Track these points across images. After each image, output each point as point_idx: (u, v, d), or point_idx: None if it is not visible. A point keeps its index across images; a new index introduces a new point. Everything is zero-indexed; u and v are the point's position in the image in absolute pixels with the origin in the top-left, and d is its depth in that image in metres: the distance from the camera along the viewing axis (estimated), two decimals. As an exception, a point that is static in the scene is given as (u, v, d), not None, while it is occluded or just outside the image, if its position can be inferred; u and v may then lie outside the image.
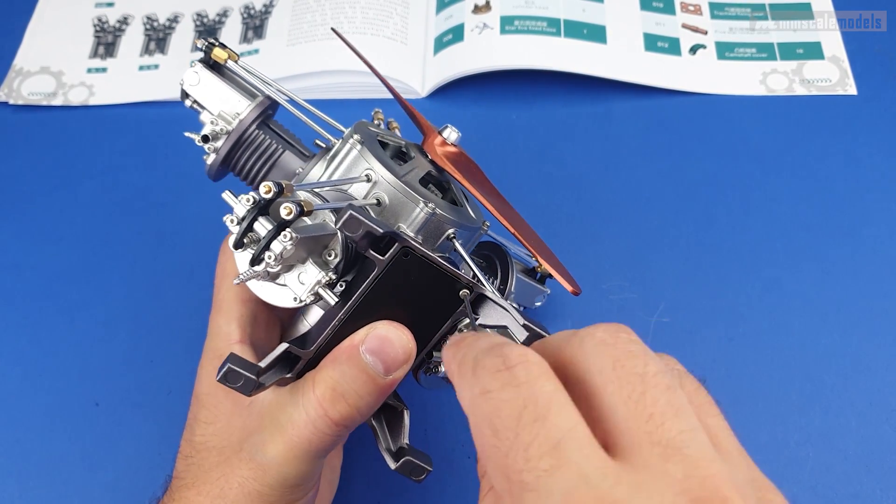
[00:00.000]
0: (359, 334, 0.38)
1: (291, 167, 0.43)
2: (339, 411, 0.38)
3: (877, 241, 0.63)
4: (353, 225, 0.34)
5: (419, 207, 0.40)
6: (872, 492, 0.52)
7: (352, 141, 0.41)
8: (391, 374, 0.38)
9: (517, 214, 0.45)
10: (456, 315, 0.39)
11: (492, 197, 0.43)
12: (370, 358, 0.37)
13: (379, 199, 0.40)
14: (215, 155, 0.42)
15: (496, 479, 0.26)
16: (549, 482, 0.23)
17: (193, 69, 0.42)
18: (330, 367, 0.38)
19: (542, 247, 0.43)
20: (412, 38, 0.76)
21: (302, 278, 0.37)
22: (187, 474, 0.41)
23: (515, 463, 0.24)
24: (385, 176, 0.40)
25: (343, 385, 0.37)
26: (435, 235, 0.41)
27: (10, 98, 0.75)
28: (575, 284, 0.40)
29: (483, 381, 0.27)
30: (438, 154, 0.43)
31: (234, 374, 0.35)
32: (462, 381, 0.29)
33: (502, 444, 0.25)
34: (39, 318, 0.63)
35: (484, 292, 0.38)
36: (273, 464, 0.38)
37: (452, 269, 0.37)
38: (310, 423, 0.38)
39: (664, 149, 0.70)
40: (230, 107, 0.42)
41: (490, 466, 0.26)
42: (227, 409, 0.41)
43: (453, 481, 0.54)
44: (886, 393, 0.56)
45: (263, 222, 0.35)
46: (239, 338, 0.43)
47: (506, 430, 0.25)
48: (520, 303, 0.54)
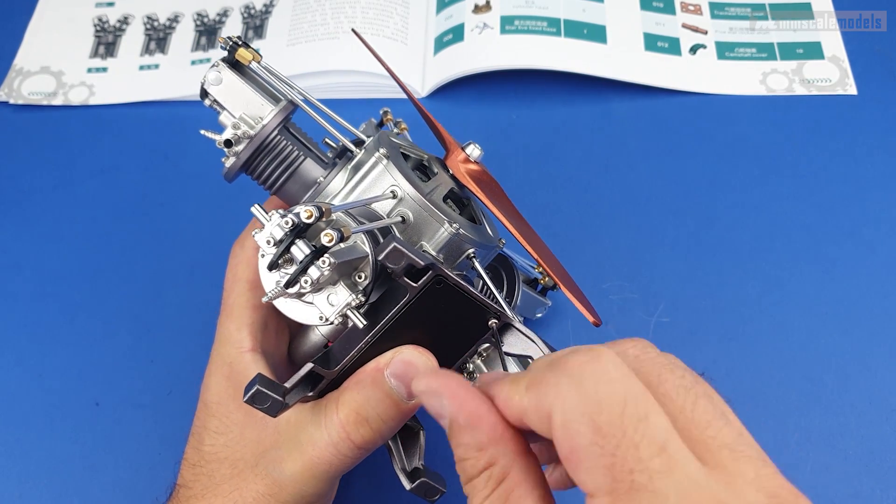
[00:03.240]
0: (384, 357, 0.37)
1: (312, 175, 0.42)
2: (363, 435, 0.37)
3: (877, 241, 0.63)
4: (397, 257, 0.34)
5: (444, 228, 0.40)
6: (872, 492, 0.52)
7: (377, 154, 0.41)
8: (414, 399, 0.37)
9: (537, 236, 0.44)
10: (480, 342, 0.39)
11: (513, 218, 0.42)
12: (395, 382, 0.37)
13: (404, 217, 0.40)
14: (235, 159, 0.41)
15: (594, 479, 0.25)
16: (663, 483, 0.24)
17: (216, 68, 0.41)
18: (354, 390, 0.37)
19: (563, 273, 0.42)
20: (412, 38, 0.76)
21: (331, 300, 0.36)
22: (196, 484, 0.40)
23: (626, 462, 0.24)
24: (411, 193, 0.40)
25: (367, 409, 0.37)
26: (456, 254, 0.41)
27: (10, 98, 0.75)
28: (596, 315, 0.40)
29: (572, 374, 0.26)
30: (461, 172, 0.43)
31: (262, 396, 0.35)
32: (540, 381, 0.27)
33: (607, 443, 0.24)
34: (39, 318, 0.63)
35: (511, 322, 0.38)
36: (290, 482, 0.38)
37: (482, 299, 0.37)
38: (331, 446, 0.37)
39: (664, 149, 0.70)
40: (252, 109, 0.41)
41: (588, 469, 0.25)
42: (239, 420, 0.41)
43: (455, 483, 0.54)
44: (886, 393, 0.56)
45: (301, 246, 0.34)
46: (250, 346, 0.42)
47: (611, 427, 0.24)
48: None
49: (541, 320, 0.58)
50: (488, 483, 0.28)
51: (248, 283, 0.43)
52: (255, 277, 0.43)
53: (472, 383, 0.31)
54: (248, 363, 0.42)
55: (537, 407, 0.27)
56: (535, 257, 0.41)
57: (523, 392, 0.27)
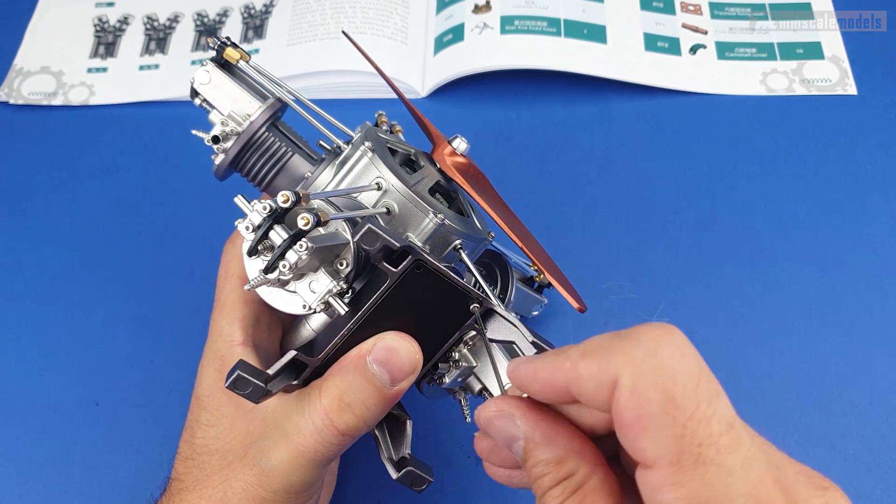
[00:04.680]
0: (366, 344, 0.38)
1: (300, 171, 0.43)
2: (346, 422, 0.37)
3: (877, 241, 0.63)
4: (371, 238, 0.35)
5: (428, 218, 0.40)
6: (872, 492, 0.52)
7: (363, 148, 0.41)
8: (397, 385, 0.38)
9: (524, 227, 0.44)
10: (464, 328, 0.39)
11: (499, 209, 0.42)
12: (377, 368, 0.37)
13: (389, 208, 0.40)
14: (224, 156, 0.42)
15: (658, 448, 0.25)
16: (730, 459, 0.25)
17: (205, 68, 0.42)
18: (337, 377, 0.38)
19: (549, 261, 0.43)
20: (412, 38, 0.76)
21: (313, 287, 0.37)
22: (187, 477, 0.41)
23: (696, 435, 0.25)
24: (395, 185, 0.40)
25: (350, 395, 0.37)
26: (442, 245, 0.41)
27: (10, 98, 0.75)
28: (581, 301, 0.40)
29: (648, 344, 0.26)
30: (448, 164, 0.43)
31: (243, 381, 0.35)
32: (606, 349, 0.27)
33: (680, 414, 0.25)
34: (39, 318, 0.63)
35: (493, 307, 0.38)
36: (277, 471, 0.38)
37: (463, 284, 0.37)
38: (316, 433, 0.38)
39: (664, 149, 0.70)
40: (240, 107, 0.42)
41: (654, 437, 0.25)
42: (230, 412, 0.41)
43: (453, 481, 0.54)
44: (886, 393, 0.56)
45: (279, 231, 0.35)
46: (241, 340, 0.42)
47: (685, 399, 0.25)
48: (517, 312, 0.54)
49: (539, 319, 0.58)
50: (565, 490, 0.29)
51: (240, 279, 0.44)
52: (245, 273, 0.44)
53: (509, 364, 0.31)
54: (238, 356, 0.42)
55: (599, 372, 0.27)
56: (520, 245, 0.41)
57: (577, 359, 0.27)
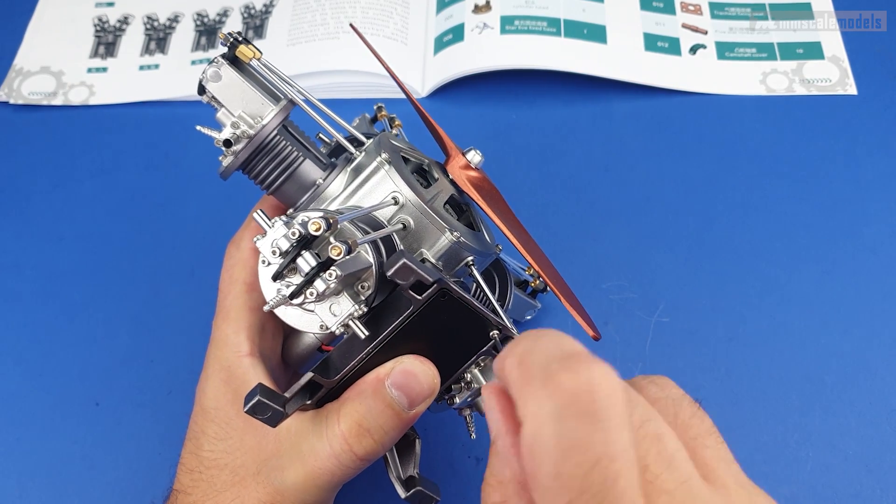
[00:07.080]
0: (384, 368, 0.37)
1: (311, 177, 0.42)
2: (365, 446, 0.37)
3: (877, 241, 0.63)
4: (405, 274, 0.34)
5: (444, 236, 0.40)
6: (872, 492, 0.52)
7: (379, 160, 0.40)
8: (415, 409, 0.38)
9: (537, 245, 0.44)
10: (481, 353, 0.39)
11: (514, 228, 0.42)
12: (396, 393, 0.37)
13: (405, 224, 0.40)
14: (233, 158, 0.40)
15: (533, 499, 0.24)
16: None
17: (215, 65, 0.39)
18: (355, 401, 0.37)
19: (564, 286, 0.42)
20: (412, 38, 0.76)
21: (334, 309, 0.36)
22: (195, 490, 0.40)
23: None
24: (412, 200, 0.40)
25: (369, 420, 0.37)
26: (454, 262, 0.41)
27: (10, 98, 0.75)
28: (595, 329, 0.39)
29: (556, 401, 0.23)
30: (463, 179, 0.42)
31: (263, 407, 0.35)
32: (525, 387, 0.24)
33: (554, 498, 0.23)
34: (39, 318, 0.63)
35: (512, 335, 0.38)
36: (292, 490, 0.38)
37: (485, 312, 0.37)
38: (334, 457, 0.37)
39: (664, 149, 0.69)
40: (252, 108, 0.40)
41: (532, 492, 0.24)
42: (239, 426, 0.40)
43: (454, 481, 0.54)
44: (886, 393, 0.56)
45: (308, 258, 0.34)
46: (248, 350, 0.42)
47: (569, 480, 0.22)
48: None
49: (532, 323, 0.58)
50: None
51: (246, 285, 0.43)
52: (252, 279, 0.43)
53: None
54: (246, 368, 0.41)
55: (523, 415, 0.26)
56: (538, 269, 0.40)
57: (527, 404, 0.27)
